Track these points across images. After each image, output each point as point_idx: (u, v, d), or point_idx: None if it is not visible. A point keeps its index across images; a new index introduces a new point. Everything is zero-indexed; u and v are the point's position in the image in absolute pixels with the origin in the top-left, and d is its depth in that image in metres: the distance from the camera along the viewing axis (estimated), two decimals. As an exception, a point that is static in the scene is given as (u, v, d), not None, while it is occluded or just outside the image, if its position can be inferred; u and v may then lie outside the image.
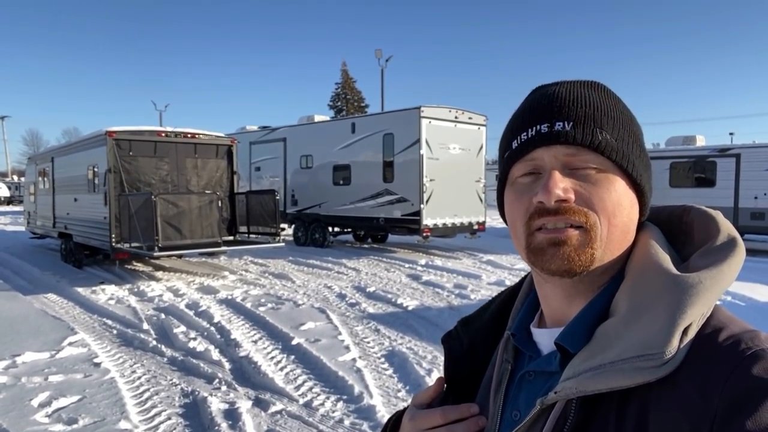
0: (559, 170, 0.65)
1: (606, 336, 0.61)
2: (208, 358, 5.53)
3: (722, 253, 0.63)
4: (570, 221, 0.64)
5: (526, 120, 0.68)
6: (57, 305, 8.19)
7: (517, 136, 0.69)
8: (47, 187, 14.04)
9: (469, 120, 13.56)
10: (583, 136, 0.65)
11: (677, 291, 0.59)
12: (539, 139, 0.66)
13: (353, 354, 5.59)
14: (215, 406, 4.31)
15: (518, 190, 0.69)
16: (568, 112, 0.66)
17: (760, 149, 13.71)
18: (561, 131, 0.65)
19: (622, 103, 0.70)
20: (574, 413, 0.60)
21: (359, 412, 4.24)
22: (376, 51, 29.13)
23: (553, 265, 0.64)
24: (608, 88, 0.71)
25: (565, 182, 0.64)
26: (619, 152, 0.65)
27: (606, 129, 0.66)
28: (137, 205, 9.26)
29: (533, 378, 0.70)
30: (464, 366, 0.81)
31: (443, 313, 7.34)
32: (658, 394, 0.56)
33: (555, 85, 0.70)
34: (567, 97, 0.67)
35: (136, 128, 10.50)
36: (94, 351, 5.78)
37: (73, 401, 4.45)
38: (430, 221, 12.62)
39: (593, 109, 0.66)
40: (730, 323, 0.59)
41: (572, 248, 0.63)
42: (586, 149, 0.65)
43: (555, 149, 0.65)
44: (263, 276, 10.35)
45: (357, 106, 51.60)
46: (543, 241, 0.65)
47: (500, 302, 0.84)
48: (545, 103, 0.68)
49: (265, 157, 17.23)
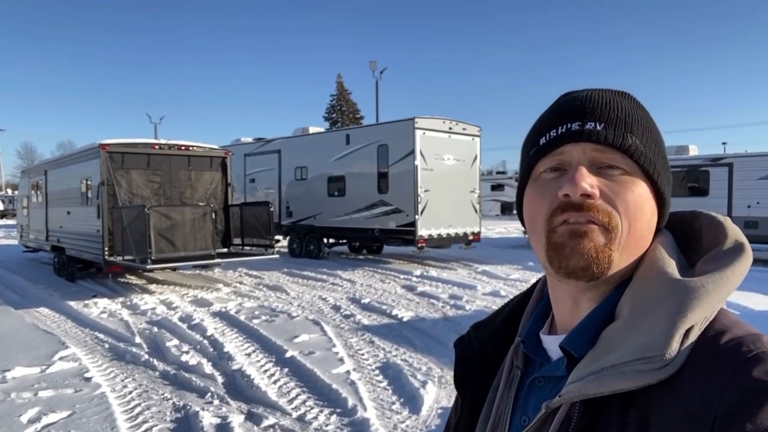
0: (586, 166, 0.65)
1: (609, 340, 0.62)
2: (201, 372, 5.47)
3: (728, 258, 0.63)
4: (593, 219, 0.63)
5: (556, 119, 0.69)
6: (49, 319, 8.11)
7: (546, 134, 0.69)
8: (40, 200, 13.98)
9: (463, 131, 13.61)
10: (614, 137, 0.65)
11: (678, 295, 0.59)
12: (569, 136, 0.66)
13: (347, 366, 5.54)
14: (207, 421, 4.26)
15: (542, 185, 0.68)
16: (600, 113, 0.66)
17: (753, 158, 13.80)
18: (592, 130, 0.65)
19: (650, 115, 0.72)
20: (577, 416, 0.61)
21: (353, 425, 4.19)
22: (370, 63, 29.28)
23: (572, 260, 0.63)
24: (636, 98, 0.72)
25: (592, 178, 0.64)
26: (646, 158, 0.66)
27: (636, 134, 0.66)
28: (130, 217, 9.21)
29: (543, 384, 0.70)
30: (474, 370, 0.81)
31: (438, 324, 7.31)
32: (659, 397, 0.56)
33: (586, 90, 0.71)
34: (599, 101, 0.68)
35: (129, 141, 10.49)
36: (85, 365, 5.72)
37: (63, 417, 4.38)
38: (425, 232, 12.62)
39: (625, 114, 0.67)
40: (734, 326, 0.59)
41: (593, 244, 0.63)
42: (615, 150, 0.65)
43: (584, 145, 0.66)
44: (257, 288, 10.29)
45: (352, 118, 51.78)
46: (564, 233, 0.64)
47: (512, 307, 0.84)
48: (577, 104, 0.68)
49: (259, 168, 17.23)
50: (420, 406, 4.54)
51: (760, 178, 13.39)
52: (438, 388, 4.93)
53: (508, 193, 38.11)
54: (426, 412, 4.43)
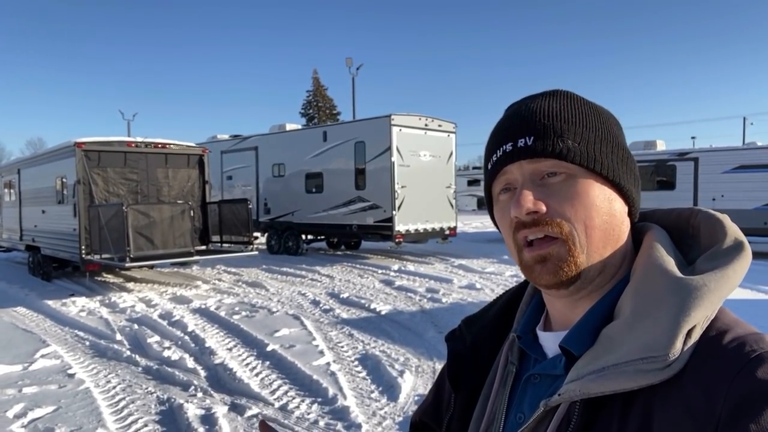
0: (528, 182, 0.67)
1: (610, 339, 0.62)
2: (183, 366, 5.58)
3: (728, 256, 0.63)
4: (548, 233, 0.66)
5: (495, 141, 0.72)
6: (27, 318, 8.10)
7: (490, 159, 0.72)
8: (13, 199, 13.80)
9: (438, 127, 13.84)
10: (543, 146, 0.66)
11: (681, 294, 0.59)
12: (505, 158, 0.69)
13: (327, 358, 5.71)
14: (192, 412, 4.39)
15: (501, 208, 0.72)
16: (527, 127, 0.68)
17: (717, 153, 14.30)
18: (522, 147, 0.67)
19: (587, 105, 0.72)
20: (577, 416, 0.61)
21: (334, 413, 4.37)
22: (346, 59, 29.30)
23: (543, 280, 0.67)
24: (572, 93, 0.73)
25: (535, 193, 0.66)
26: (583, 155, 0.67)
27: (567, 135, 0.67)
28: (108, 216, 9.22)
29: (539, 381, 0.70)
30: (467, 365, 0.81)
31: (415, 316, 7.52)
32: (661, 397, 0.56)
33: (520, 103, 0.73)
34: (526, 113, 0.70)
35: (105, 139, 10.45)
36: (67, 362, 5.78)
37: (49, 411, 4.47)
38: (403, 227, 12.83)
39: (552, 119, 0.68)
40: (735, 325, 0.59)
41: (555, 262, 0.65)
42: (549, 158, 0.66)
43: (520, 163, 0.68)
44: (237, 285, 10.38)
45: (329, 114, 51.66)
46: (529, 260, 0.67)
47: (504, 301, 0.85)
48: (507, 125, 0.71)
49: (236, 165, 17.23)
50: (398, 394, 4.74)
51: (724, 171, 13.89)
52: (415, 377, 5.14)
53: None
54: (403, 400, 4.63)
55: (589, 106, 0.72)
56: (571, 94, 0.73)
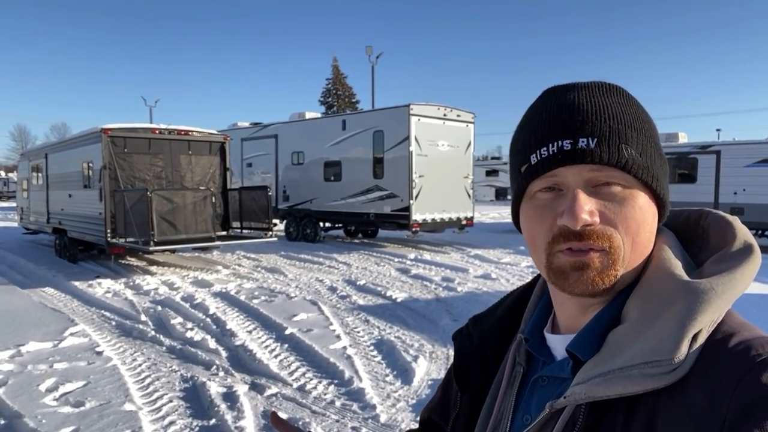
0: (582, 189, 0.62)
1: (616, 343, 0.61)
2: (205, 347, 5.79)
3: (736, 259, 0.62)
4: (593, 246, 0.62)
5: (546, 133, 0.64)
6: (55, 298, 8.40)
7: (536, 151, 0.65)
8: (41, 183, 14.18)
9: (457, 117, 13.87)
10: (609, 154, 0.61)
11: (688, 297, 0.58)
12: (563, 158, 0.62)
13: (344, 342, 5.88)
14: (214, 390, 4.58)
15: (539, 206, 0.66)
16: (591, 127, 0.62)
17: (740, 146, 14.13)
18: (586, 149, 0.61)
19: (640, 107, 0.68)
20: (582, 418, 0.60)
21: (349, 395, 4.53)
22: (366, 48, 29.32)
23: (577, 289, 0.63)
24: (627, 92, 0.68)
25: (590, 203, 0.62)
26: (644, 169, 0.63)
27: (631, 144, 0.63)
28: (133, 200, 9.47)
29: (546, 383, 0.69)
30: (474, 363, 0.80)
31: (430, 304, 7.65)
32: (666, 401, 0.56)
33: (572, 91, 0.66)
34: (589, 109, 0.63)
35: (130, 125, 10.71)
36: (95, 341, 6.03)
37: (79, 386, 4.70)
38: (419, 216, 12.93)
39: (617, 122, 0.63)
40: (742, 329, 0.58)
41: (595, 272, 0.62)
42: (612, 168, 0.62)
43: (579, 168, 0.62)
44: (256, 270, 10.60)
45: (348, 102, 51.73)
46: (566, 265, 0.63)
47: (512, 301, 0.83)
48: (565, 116, 0.64)
49: (256, 153, 17.45)
50: (412, 377, 4.88)
51: (746, 165, 13.72)
52: (429, 362, 5.28)
53: (502, 179, 38.44)
54: (417, 383, 4.78)
55: (640, 107, 0.68)
56: (626, 92, 0.68)
